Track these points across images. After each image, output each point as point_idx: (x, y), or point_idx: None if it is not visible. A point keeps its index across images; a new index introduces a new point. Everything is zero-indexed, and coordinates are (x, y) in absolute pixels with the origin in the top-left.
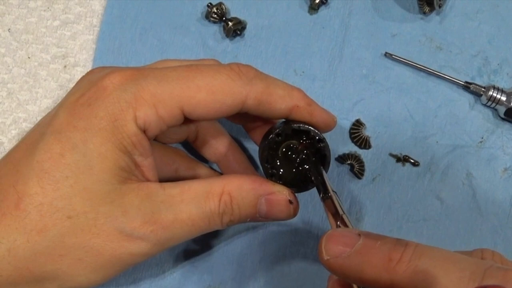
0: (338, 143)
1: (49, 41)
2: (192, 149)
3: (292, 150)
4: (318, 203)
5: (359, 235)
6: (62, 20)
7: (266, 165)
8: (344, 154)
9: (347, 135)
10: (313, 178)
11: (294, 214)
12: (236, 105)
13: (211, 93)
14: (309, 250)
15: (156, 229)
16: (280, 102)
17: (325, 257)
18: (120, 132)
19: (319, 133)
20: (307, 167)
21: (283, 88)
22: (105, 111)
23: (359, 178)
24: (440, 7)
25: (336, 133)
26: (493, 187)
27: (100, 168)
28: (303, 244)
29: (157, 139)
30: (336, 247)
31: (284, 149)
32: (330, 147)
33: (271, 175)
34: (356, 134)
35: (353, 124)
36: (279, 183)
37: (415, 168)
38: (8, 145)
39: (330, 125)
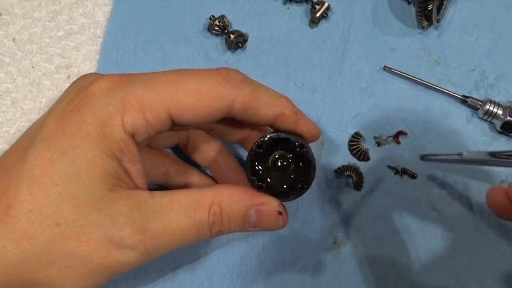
0: (337, 155)
1: (53, 51)
2: (184, 153)
3: (280, 160)
4: (317, 215)
5: None
6: (66, 30)
7: (251, 177)
8: (343, 166)
9: (346, 147)
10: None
11: (283, 225)
12: (223, 109)
13: (198, 98)
14: (308, 260)
15: (145, 239)
16: (266, 108)
17: None
18: (108, 137)
19: (299, 139)
20: (294, 175)
21: (270, 95)
22: (93, 116)
23: (358, 189)
24: (438, 21)
25: (335, 145)
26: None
27: (88, 174)
28: (302, 254)
29: (148, 145)
30: None
31: (273, 160)
32: (314, 154)
33: (259, 187)
34: (355, 147)
35: (352, 137)
36: (268, 193)
37: (412, 180)
38: None
39: (315, 135)
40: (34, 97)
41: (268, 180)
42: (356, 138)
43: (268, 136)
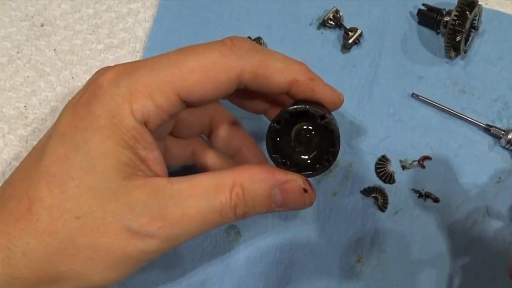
0: (364, 177)
1: (93, 63)
2: None
3: (302, 132)
4: (343, 234)
5: None
6: (106, 44)
7: (273, 155)
8: (369, 187)
9: (373, 169)
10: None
11: (311, 203)
12: (232, 81)
13: (204, 73)
14: (332, 277)
15: (165, 226)
16: (278, 75)
17: None
18: (119, 127)
19: (318, 110)
20: (319, 148)
21: (282, 61)
22: (102, 109)
23: (383, 211)
24: (465, 52)
25: (363, 167)
26: (510, 226)
27: (103, 166)
28: (327, 270)
29: (171, 134)
30: None
31: (295, 134)
32: (337, 122)
33: (283, 164)
34: (381, 169)
35: (379, 160)
36: (292, 170)
37: (435, 204)
38: None
39: (336, 103)
40: None
41: (292, 156)
42: (382, 161)
43: (286, 110)
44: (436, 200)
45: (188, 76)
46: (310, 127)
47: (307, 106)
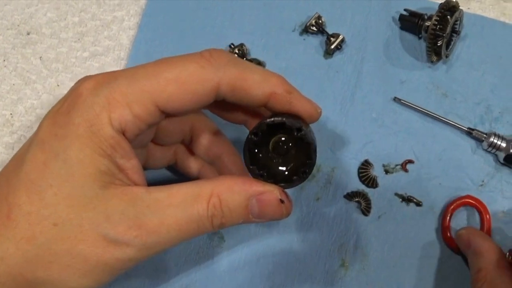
0: (347, 181)
1: (78, 71)
2: None
3: (279, 144)
4: (326, 238)
5: None
6: (91, 51)
7: (250, 167)
8: (352, 192)
9: (356, 174)
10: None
11: (287, 213)
12: (209, 93)
13: (181, 84)
14: (316, 281)
15: (141, 234)
16: (255, 88)
17: None
18: (97, 136)
19: (295, 122)
20: (296, 160)
21: (259, 74)
22: (81, 117)
23: (366, 215)
24: (447, 57)
25: (346, 172)
26: (492, 229)
27: (80, 174)
28: (311, 275)
29: (153, 142)
30: None
31: (273, 145)
32: (314, 134)
33: (260, 176)
34: (364, 174)
35: (362, 164)
36: (269, 182)
37: (418, 208)
38: None
39: (313, 116)
40: None
41: (270, 167)
42: (365, 165)
43: (263, 122)
44: (418, 204)
45: (165, 87)
46: (287, 139)
47: (284, 119)
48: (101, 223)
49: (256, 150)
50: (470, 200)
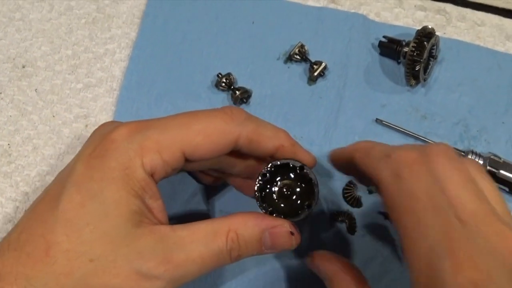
0: (332, 202)
1: (72, 102)
2: None
3: (285, 188)
4: None
5: None
6: (85, 83)
7: (263, 205)
8: (337, 212)
9: (340, 194)
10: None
11: (297, 244)
12: (230, 144)
13: (207, 136)
14: None
15: (170, 268)
16: (268, 142)
17: None
18: (131, 178)
19: (297, 161)
20: (300, 196)
21: (270, 130)
22: (116, 161)
23: (352, 234)
24: (425, 80)
25: (331, 193)
26: None
27: (116, 214)
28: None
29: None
30: None
31: (279, 189)
32: (314, 174)
33: (271, 213)
34: (348, 194)
35: (346, 185)
36: (280, 217)
37: None
38: (32, 195)
39: (311, 163)
40: (54, 143)
41: (277, 204)
42: (349, 186)
43: (271, 164)
44: None
45: (194, 138)
46: (291, 183)
47: (289, 160)
48: (134, 259)
49: (267, 190)
50: None
